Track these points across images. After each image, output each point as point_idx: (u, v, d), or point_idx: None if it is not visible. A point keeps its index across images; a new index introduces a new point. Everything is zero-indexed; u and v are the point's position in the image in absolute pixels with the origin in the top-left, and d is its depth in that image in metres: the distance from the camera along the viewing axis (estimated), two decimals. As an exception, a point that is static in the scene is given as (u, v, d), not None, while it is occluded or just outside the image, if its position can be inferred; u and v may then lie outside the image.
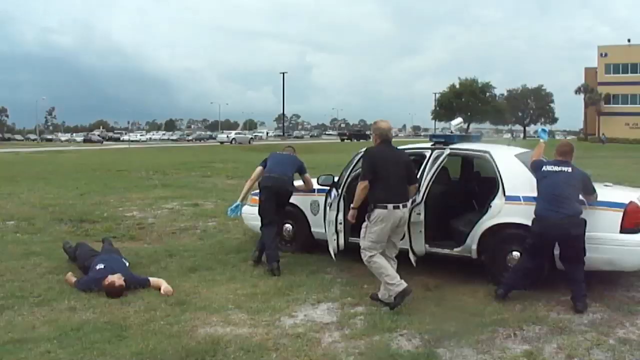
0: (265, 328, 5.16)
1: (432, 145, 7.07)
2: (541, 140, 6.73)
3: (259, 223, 7.31)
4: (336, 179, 7.03)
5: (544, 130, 6.97)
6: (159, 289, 6.05)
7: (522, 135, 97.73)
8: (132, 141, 75.22)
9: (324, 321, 5.36)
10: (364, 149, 6.48)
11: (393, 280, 5.48)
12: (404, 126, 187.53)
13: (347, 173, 6.81)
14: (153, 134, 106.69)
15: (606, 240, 5.85)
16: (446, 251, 6.68)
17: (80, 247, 7.09)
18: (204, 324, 5.25)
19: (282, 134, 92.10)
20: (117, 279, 5.90)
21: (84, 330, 4.97)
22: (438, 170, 6.47)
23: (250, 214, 7.91)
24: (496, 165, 6.52)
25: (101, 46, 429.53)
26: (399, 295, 5.44)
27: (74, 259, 7.04)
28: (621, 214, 5.88)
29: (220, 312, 5.54)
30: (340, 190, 6.72)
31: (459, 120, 7.89)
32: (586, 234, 5.60)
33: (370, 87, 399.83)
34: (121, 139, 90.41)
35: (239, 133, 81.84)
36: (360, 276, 6.66)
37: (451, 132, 7.46)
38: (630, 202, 5.97)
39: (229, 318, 5.40)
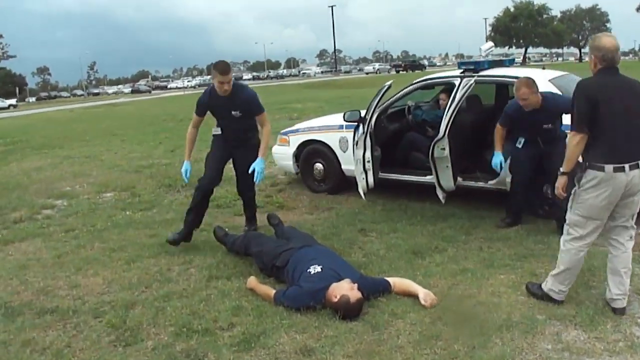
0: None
1: (461, 72, 6.57)
2: None
3: (290, 163, 7.68)
4: (363, 113, 6.32)
5: None
6: (410, 295, 3.94)
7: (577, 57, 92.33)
8: (183, 88, 73.52)
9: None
10: (389, 82, 6.17)
11: (560, 286, 3.86)
12: (447, 54, 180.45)
13: (373, 107, 6.16)
14: (199, 80, 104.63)
15: None
16: (480, 184, 6.22)
17: (253, 239, 4.92)
18: (540, 357, 3.22)
19: (330, 70, 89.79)
20: (348, 289, 3.74)
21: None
22: (462, 100, 5.69)
23: (282, 154, 7.82)
24: None
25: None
26: (548, 297, 3.92)
27: (239, 252, 4.99)
28: None
29: (538, 329, 3.53)
30: (366, 127, 6.13)
31: (489, 44, 7.33)
32: None
33: (410, 18, 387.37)
34: (168, 87, 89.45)
35: (381, 65, 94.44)
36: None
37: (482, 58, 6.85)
38: None
39: (562, 340, 3.40)
